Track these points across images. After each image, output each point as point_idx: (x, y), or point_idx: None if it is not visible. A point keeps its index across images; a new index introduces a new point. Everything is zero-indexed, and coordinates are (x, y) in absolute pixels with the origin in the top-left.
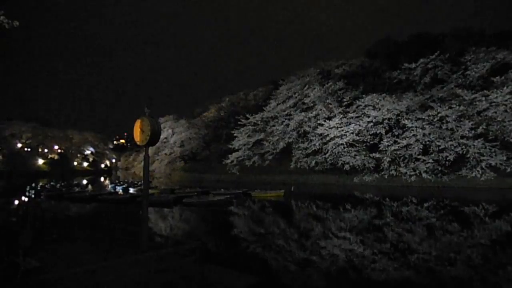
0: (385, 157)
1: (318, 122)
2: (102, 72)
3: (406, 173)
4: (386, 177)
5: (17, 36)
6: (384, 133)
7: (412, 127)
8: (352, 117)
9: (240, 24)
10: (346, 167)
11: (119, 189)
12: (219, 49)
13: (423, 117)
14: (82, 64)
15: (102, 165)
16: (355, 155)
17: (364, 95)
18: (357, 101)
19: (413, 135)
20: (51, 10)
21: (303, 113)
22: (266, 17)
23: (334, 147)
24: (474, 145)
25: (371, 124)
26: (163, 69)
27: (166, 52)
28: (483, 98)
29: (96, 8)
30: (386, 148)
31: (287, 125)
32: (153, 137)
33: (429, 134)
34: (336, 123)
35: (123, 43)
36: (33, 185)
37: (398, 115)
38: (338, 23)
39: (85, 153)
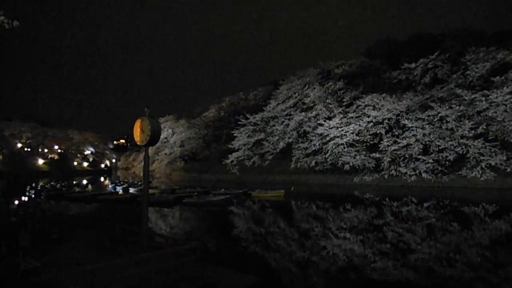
0: (385, 157)
1: (318, 122)
2: (102, 72)
3: (406, 173)
4: (386, 177)
5: (17, 36)
6: (384, 133)
7: (412, 127)
8: (352, 117)
9: (240, 24)
10: (346, 167)
11: (119, 189)
12: (219, 49)
13: (423, 117)
14: (82, 64)
15: (102, 165)
16: (355, 155)
17: (364, 95)
18: (357, 101)
19: (413, 135)
20: (51, 10)
21: (303, 113)
22: (266, 17)
23: (334, 147)
24: (474, 145)
25: (371, 124)
26: (163, 69)
27: (167, 52)
28: (483, 98)
29: (96, 8)
30: (386, 148)
31: (287, 125)
32: (153, 137)
33: (429, 134)
34: (336, 123)
35: (123, 43)
36: (33, 185)
37: (398, 115)
38: (338, 23)
39: (85, 153)
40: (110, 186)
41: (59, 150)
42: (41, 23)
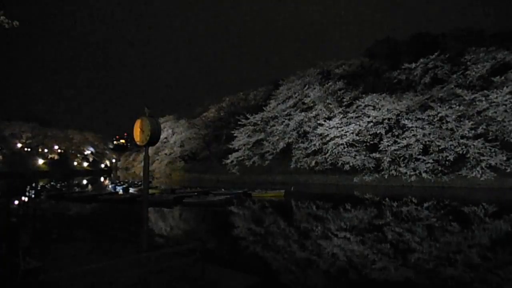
0: (385, 157)
1: (318, 122)
2: (102, 72)
3: (406, 173)
4: (386, 177)
5: (17, 36)
6: (384, 133)
7: (412, 127)
8: (352, 117)
9: (240, 24)
10: (346, 167)
11: (119, 189)
12: (219, 49)
13: (423, 117)
14: (82, 64)
15: (102, 165)
16: (355, 155)
17: (364, 95)
18: (357, 101)
19: (413, 135)
20: (51, 10)
21: (303, 113)
22: (266, 17)
23: (334, 147)
24: (474, 145)
25: (371, 124)
26: (163, 69)
27: (166, 52)
28: (483, 98)
29: (96, 8)
30: (386, 148)
31: (287, 125)
32: (153, 137)
33: (429, 134)
34: (336, 123)
35: (123, 43)
36: (33, 185)
37: (398, 115)
38: (338, 23)
39: (85, 153)
40: (110, 186)
41: (59, 150)
42: (41, 23)
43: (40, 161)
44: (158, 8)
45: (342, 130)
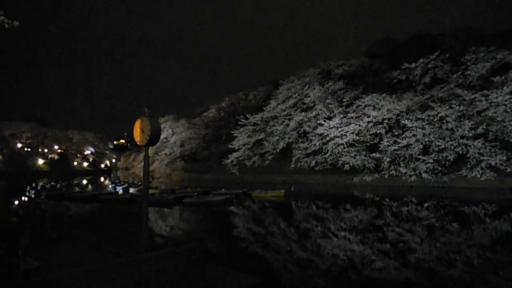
0: (385, 157)
1: (318, 122)
2: (103, 72)
3: (406, 173)
4: (386, 177)
5: (17, 36)
6: (384, 133)
7: (412, 127)
8: (352, 117)
9: (240, 24)
10: (346, 167)
11: (119, 189)
12: (219, 49)
13: (423, 117)
14: (82, 64)
15: (102, 165)
16: (355, 155)
17: (364, 95)
18: (357, 101)
19: (413, 135)
20: (51, 10)
21: (303, 113)
22: (266, 17)
23: (334, 147)
24: (474, 145)
25: (371, 124)
26: (163, 69)
27: (166, 52)
28: (483, 98)
29: (96, 8)
30: (386, 148)
31: (287, 125)
32: (153, 137)
33: (429, 134)
34: (336, 123)
35: (123, 43)
36: (33, 185)
37: (398, 115)
38: (338, 23)
39: (85, 153)
40: (110, 186)
41: (59, 150)
42: (41, 23)
43: (40, 161)
44: (158, 8)
45: (342, 130)
